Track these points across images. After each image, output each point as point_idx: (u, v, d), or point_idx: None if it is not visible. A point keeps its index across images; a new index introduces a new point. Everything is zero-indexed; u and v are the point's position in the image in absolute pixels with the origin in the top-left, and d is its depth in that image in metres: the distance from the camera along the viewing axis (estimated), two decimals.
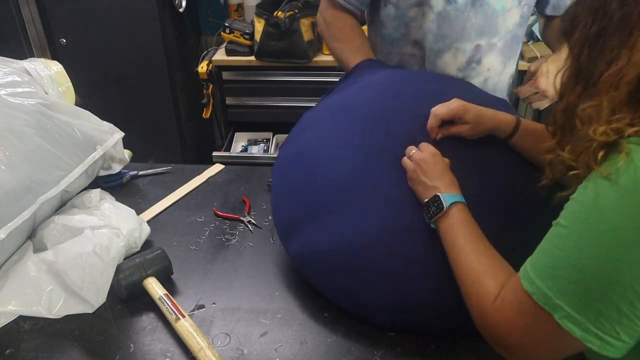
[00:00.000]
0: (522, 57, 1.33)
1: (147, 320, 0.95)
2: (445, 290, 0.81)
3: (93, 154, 1.22)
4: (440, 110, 0.93)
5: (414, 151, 0.90)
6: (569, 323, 0.60)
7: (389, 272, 0.86)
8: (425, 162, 0.87)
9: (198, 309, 0.98)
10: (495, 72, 1.27)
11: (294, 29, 2.38)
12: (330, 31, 1.34)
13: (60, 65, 1.32)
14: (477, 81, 1.26)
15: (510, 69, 1.29)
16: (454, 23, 1.19)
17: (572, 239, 0.61)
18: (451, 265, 0.78)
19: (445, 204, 0.81)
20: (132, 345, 0.90)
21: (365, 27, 1.40)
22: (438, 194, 0.83)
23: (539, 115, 2.75)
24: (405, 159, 0.92)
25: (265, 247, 1.15)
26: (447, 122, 0.94)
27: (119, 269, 0.99)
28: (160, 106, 2.69)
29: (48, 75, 1.25)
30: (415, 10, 1.22)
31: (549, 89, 1.10)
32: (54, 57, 2.52)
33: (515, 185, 0.94)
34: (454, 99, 0.94)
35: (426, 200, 0.85)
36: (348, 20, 1.32)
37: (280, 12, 2.37)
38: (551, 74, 1.09)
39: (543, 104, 1.16)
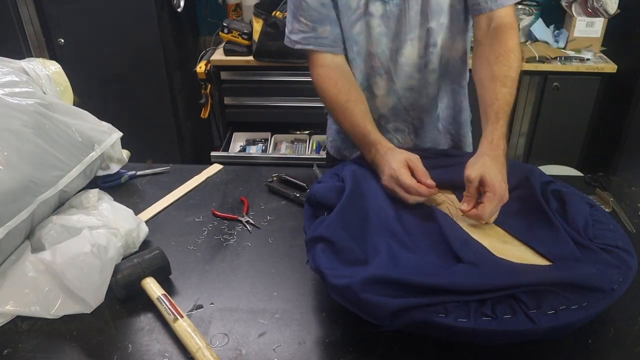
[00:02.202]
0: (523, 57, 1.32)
1: (145, 321, 0.95)
2: None
3: (91, 154, 1.22)
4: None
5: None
6: None
7: None
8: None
9: (196, 309, 0.98)
10: (447, 49, 1.29)
11: None
12: (322, 99, 1.30)
13: (59, 65, 1.32)
14: (436, 63, 1.29)
15: (459, 46, 1.31)
16: (399, 17, 1.22)
17: None
18: None
19: None
20: (130, 345, 0.90)
21: None
22: None
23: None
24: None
25: (264, 247, 1.15)
26: None
27: (117, 269, 0.99)
28: (158, 106, 2.69)
29: (46, 75, 1.25)
30: (359, 25, 1.25)
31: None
32: (52, 57, 2.52)
33: None
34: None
35: None
36: (331, 77, 1.27)
37: (278, 12, 2.37)
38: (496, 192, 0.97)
39: None
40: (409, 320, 0.79)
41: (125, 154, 1.37)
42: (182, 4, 2.63)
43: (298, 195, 1.29)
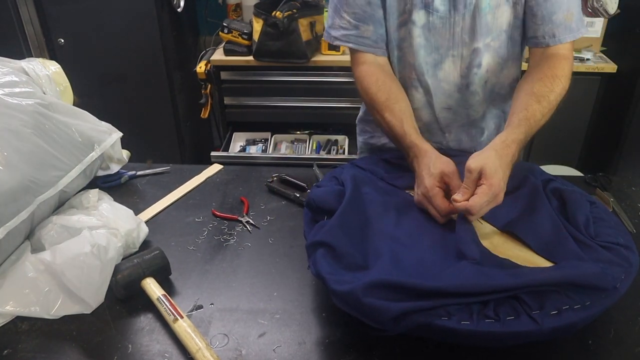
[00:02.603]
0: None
1: (145, 321, 0.95)
2: None
3: (91, 154, 1.22)
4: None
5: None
6: None
7: None
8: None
9: (196, 310, 0.98)
10: (492, 73, 1.26)
11: (292, 29, 2.38)
12: (362, 97, 1.26)
13: (58, 65, 1.32)
14: (479, 85, 1.26)
15: (508, 72, 1.28)
16: (442, 31, 1.18)
17: None
18: None
19: None
20: (130, 345, 0.90)
21: None
22: None
23: None
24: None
25: (264, 247, 1.15)
26: None
27: (117, 269, 0.99)
28: (158, 106, 2.70)
29: (46, 75, 1.25)
30: (403, 30, 1.21)
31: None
32: (52, 57, 2.52)
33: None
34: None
35: None
36: (372, 75, 1.23)
37: (278, 12, 2.37)
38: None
39: None
40: (412, 324, 0.79)
41: (125, 154, 1.37)
42: (182, 4, 2.63)
43: (298, 195, 1.28)
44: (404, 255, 0.90)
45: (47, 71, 1.26)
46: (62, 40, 2.52)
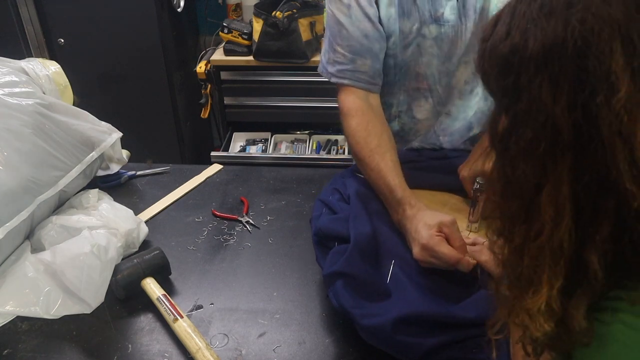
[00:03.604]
0: None
1: (145, 321, 0.95)
2: None
3: (91, 154, 1.22)
4: None
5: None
6: None
7: None
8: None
9: (196, 310, 0.98)
10: None
11: (292, 29, 2.38)
12: (348, 138, 1.16)
13: (58, 65, 1.32)
14: (482, 86, 1.25)
15: None
16: (455, 40, 1.16)
17: None
18: None
19: None
20: (130, 345, 0.90)
21: None
22: None
23: None
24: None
25: (264, 247, 1.15)
26: None
27: (117, 269, 0.99)
28: (158, 106, 2.69)
29: (46, 75, 1.25)
30: (411, 49, 1.17)
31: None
32: (51, 57, 2.52)
33: None
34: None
35: None
36: (363, 116, 1.14)
37: (278, 12, 2.36)
38: None
39: None
40: (443, 358, 0.79)
41: (125, 154, 1.37)
42: (182, 4, 2.62)
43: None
44: (423, 280, 0.89)
45: (47, 71, 1.26)
46: (62, 40, 2.52)
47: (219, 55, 2.59)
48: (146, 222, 1.18)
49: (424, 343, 0.79)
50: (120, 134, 1.32)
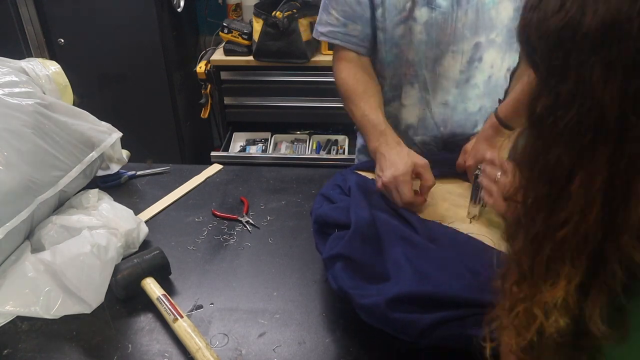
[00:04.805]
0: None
1: (145, 321, 0.95)
2: None
3: (91, 154, 1.22)
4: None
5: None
6: None
7: None
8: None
9: (196, 309, 0.98)
10: (497, 68, 1.26)
11: (292, 29, 2.38)
12: (339, 88, 1.28)
13: (58, 65, 1.32)
14: (480, 79, 1.25)
15: (507, 64, 1.28)
16: (444, 27, 1.18)
17: None
18: None
19: None
20: (130, 345, 0.90)
21: None
22: None
23: None
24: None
25: (264, 247, 1.15)
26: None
27: (117, 269, 0.99)
28: (158, 106, 2.69)
29: (46, 75, 1.25)
30: (402, 28, 1.20)
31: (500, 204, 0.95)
32: (52, 57, 2.52)
33: None
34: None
35: None
36: (351, 69, 1.25)
37: (278, 12, 2.36)
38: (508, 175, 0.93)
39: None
40: (442, 335, 0.79)
41: (125, 154, 1.37)
42: (182, 4, 2.62)
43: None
44: (422, 261, 0.89)
45: (47, 71, 1.26)
46: (62, 40, 2.52)
47: (219, 55, 2.59)
48: (146, 222, 1.18)
49: (420, 320, 0.78)
50: (120, 134, 1.32)
